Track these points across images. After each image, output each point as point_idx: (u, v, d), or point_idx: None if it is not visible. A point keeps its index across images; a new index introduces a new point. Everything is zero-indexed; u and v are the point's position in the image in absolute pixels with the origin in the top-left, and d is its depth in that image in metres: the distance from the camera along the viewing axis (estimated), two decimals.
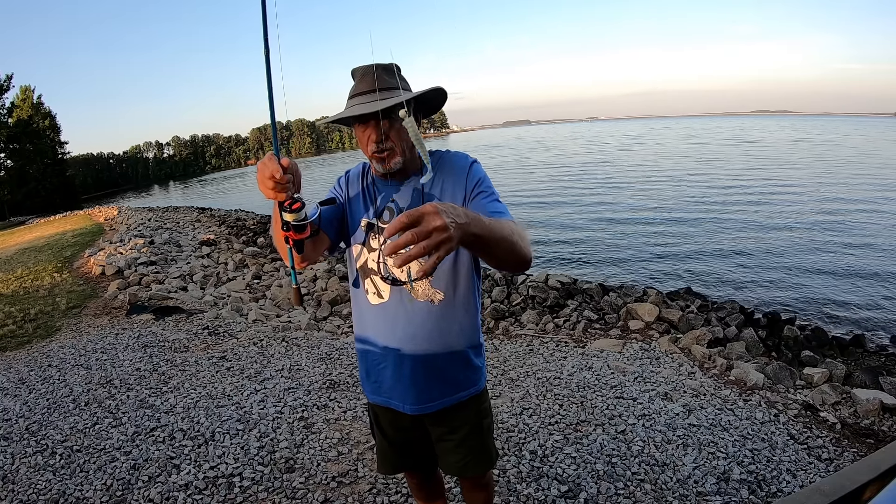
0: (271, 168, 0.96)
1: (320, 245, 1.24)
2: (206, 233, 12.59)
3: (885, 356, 4.71)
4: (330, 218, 1.26)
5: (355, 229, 1.28)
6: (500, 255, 0.95)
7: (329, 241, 1.26)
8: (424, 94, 1.16)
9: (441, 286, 1.21)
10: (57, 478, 2.35)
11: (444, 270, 1.20)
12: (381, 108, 1.08)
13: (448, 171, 1.21)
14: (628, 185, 18.95)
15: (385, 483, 2.21)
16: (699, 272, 8.36)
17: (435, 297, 1.21)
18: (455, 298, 1.22)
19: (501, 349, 3.87)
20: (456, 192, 1.18)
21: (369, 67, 1.16)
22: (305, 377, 3.36)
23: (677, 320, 4.82)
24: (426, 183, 1.19)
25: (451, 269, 1.21)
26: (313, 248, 1.20)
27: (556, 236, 11.77)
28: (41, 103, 44.24)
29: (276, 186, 0.97)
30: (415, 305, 1.21)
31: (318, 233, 1.14)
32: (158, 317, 4.88)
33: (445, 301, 1.21)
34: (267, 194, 1.00)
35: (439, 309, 1.21)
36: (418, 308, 1.21)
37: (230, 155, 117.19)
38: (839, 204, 13.35)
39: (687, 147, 38.28)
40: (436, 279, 1.20)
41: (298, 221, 1.03)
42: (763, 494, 2.08)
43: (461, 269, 1.22)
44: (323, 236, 1.23)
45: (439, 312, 1.22)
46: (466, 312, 1.26)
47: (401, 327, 1.23)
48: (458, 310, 1.24)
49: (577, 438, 2.50)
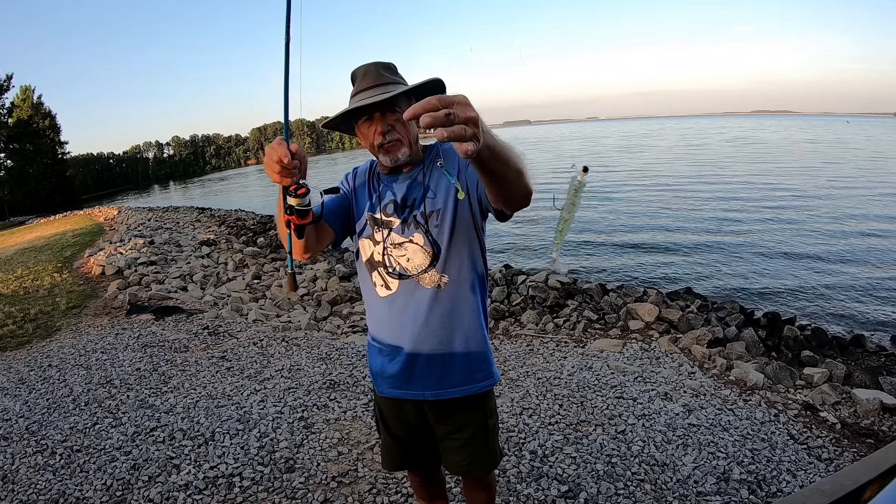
0: (280, 152, 0.97)
1: (324, 237, 1.25)
2: (206, 233, 12.59)
3: (885, 356, 4.70)
4: (335, 211, 1.28)
5: (362, 224, 1.29)
6: (511, 177, 0.89)
7: (333, 233, 1.27)
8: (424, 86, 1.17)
9: (445, 269, 1.22)
10: (57, 478, 2.35)
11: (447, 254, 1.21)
12: (385, 97, 1.11)
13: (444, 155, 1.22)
14: (628, 186, 18.94)
15: (385, 483, 2.21)
16: (699, 272, 8.36)
17: (441, 282, 1.22)
18: (460, 280, 1.24)
19: (501, 349, 3.87)
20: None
21: (369, 66, 1.18)
22: (305, 377, 3.36)
23: (677, 320, 4.82)
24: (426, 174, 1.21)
25: (455, 252, 1.22)
26: (316, 239, 1.21)
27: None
28: (41, 103, 44.28)
29: (283, 171, 0.98)
30: (423, 292, 1.23)
31: (319, 220, 1.15)
32: (158, 317, 4.88)
33: (451, 284, 1.23)
34: (273, 178, 1.00)
35: (446, 292, 1.23)
36: (427, 294, 1.23)
37: (230, 155, 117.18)
38: (840, 204, 13.35)
39: (687, 147, 38.28)
40: (440, 263, 1.21)
41: (302, 206, 1.05)
42: (763, 494, 2.08)
43: (463, 252, 1.23)
44: (327, 228, 1.24)
45: (447, 296, 1.23)
46: (474, 294, 1.27)
47: (411, 315, 1.24)
48: (465, 292, 1.25)
49: (577, 438, 2.50)
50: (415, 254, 1.21)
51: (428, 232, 1.20)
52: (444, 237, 1.20)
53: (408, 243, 1.22)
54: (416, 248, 1.21)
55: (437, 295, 1.22)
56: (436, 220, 1.20)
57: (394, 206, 1.25)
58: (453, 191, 1.18)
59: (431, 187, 1.22)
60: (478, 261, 1.27)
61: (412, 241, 1.21)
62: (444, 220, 1.20)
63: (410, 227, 1.22)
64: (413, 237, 1.21)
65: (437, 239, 1.20)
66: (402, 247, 1.22)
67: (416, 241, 1.21)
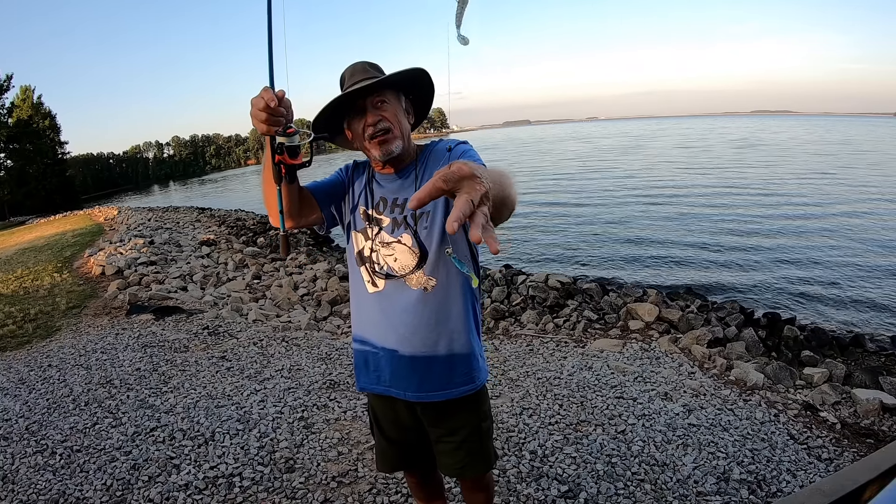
0: (266, 97, 0.94)
1: (310, 209, 1.24)
2: (206, 233, 12.59)
3: (885, 356, 4.70)
4: (326, 190, 1.28)
5: (357, 216, 1.28)
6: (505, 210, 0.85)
7: (320, 213, 1.26)
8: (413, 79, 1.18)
9: (433, 272, 1.21)
10: (57, 478, 2.35)
11: (436, 257, 1.20)
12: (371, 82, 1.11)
13: (433, 159, 1.22)
14: (629, 186, 18.94)
15: (385, 483, 2.20)
16: (699, 272, 8.36)
17: (428, 284, 1.21)
18: (448, 285, 1.22)
19: (501, 349, 3.87)
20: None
21: (356, 65, 1.19)
22: (305, 377, 3.35)
23: (677, 320, 4.82)
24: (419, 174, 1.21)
25: (443, 256, 1.20)
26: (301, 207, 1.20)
27: (557, 236, 11.77)
28: (41, 103, 44.23)
29: (270, 119, 0.96)
30: (409, 293, 1.21)
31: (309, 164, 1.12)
32: (158, 317, 4.88)
33: (438, 287, 1.21)
34: (260, 128, 0.98)
35: (433, 295, 1.21)
36: (413, 295, 1.21)
37: (230, 155, 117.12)
38: (840, 203, 13.35)
39: (688, 148, 38.25)
40: (428, 266, 1.20)
41: (292, 143, 1.02)
42: (763, 494, 2.08)
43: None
44: (313, 202, 1.24)
45: (433, 299, 1.21)
46: (462, 298, 1.25)
47: (397, 314, 1.23)
48: (453, 296, 1.23)
49: (577, 438, 2.50)
50: (402, 254, 1.20)
51: (416, 233, 1.19)
52: (433, 240, 1.19)
53: (396, 243, 1.21)
54: (403, 249, 1.20)
55: (423, 297, 1.21)
56: (425, 222, 1.19)
57: (384, 203, 1.24)
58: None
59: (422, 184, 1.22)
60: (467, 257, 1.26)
61: (400, 242, 1.20)
62: (434, 223, 1.18)
63: (400, 228, 1.21)
64: (402, 238, 1.20)
65: (425, 241, 1.19)
66: (391, 246, 1.21)
67: (404, 242, 1.20)
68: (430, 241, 1.19)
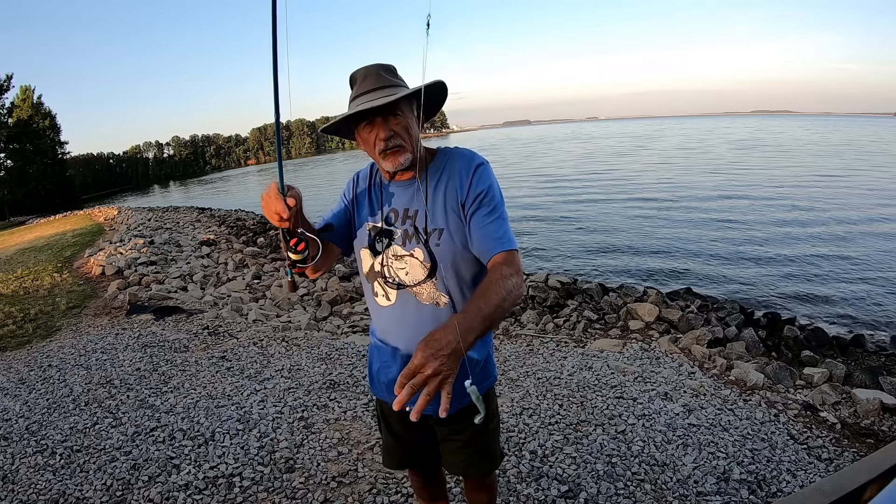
0: (277, 208, 1.00)
1: (331, 256, 1.28)
2: (206, 233, 12.59)
3: (885, 356, 4.70)
4: (339, 229, 1.29)
5: (362, 232, 1.28)
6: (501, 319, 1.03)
7: (340, 250, 1.31)
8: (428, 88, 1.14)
9: (444, 289, 1.20)
10: (57, 478, 2.35)
11: (447, 275, 1.19)
12: (388, 100, 1.08)
13: (451, 172, 1.19)
14: (629, 186, 18.94)
15: (385, 483, 2.21)
16: (699, 272, 8.36)
17: (440, 300, 1.20)
18: (460, 302, 1.21)
19: (501, 349, 3.87)
20: (456, 199, 1.16)
21: (370, 68, 1.15)
22: (305, 377, 3.35)
23: (677, 320, 4.82)
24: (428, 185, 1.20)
25: (454, 274, 1.19)
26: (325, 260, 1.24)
27: (557, 236, 11.77)
28: (41, 103, 44.31)
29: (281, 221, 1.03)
30: (422, 309, 1.21)
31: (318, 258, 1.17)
32: (158, 317, 4.88)
33: (450, 304, 1.21)
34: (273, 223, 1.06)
35: (445, 312, 1.20)
36: (424, 311, 1.21)
37: (230, 155, 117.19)
38: (840, 204, 13.35)
39: (688, 148, 38.25)
40: (440, 282, 1.19)
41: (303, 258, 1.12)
42: (763, 494, 2.08)
43: (464, 273, 1.21)
44: (332, 247, 1.27)
45: (445, 316, 1.20)
46: None
47: (408, 329, 1.22)
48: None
49: (577, 438, 2.50)
50: (413, 268, 1.20)
51: (427, 245, 1.18)
52: (446, 257, 1.18)
53: (408, 257, 1.20)
54: (415, 263, 1.19)
55: (435, 314, 1.20)
56: (437, 239, 1.18)
57: (395, 215, 1.23)
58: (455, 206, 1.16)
59: (433, 198, 1.19)
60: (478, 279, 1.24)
61: (412, 256, 1.20)
62: (445, 240, 1.17)
63: (412, 241, 1.20)
64: (414, 252, 1.20)
65: (436, 256, 1.18)
66: (403, 260, 1.21)
67: (416, 256, 1.19)
68: (442, 256, 1.18)
